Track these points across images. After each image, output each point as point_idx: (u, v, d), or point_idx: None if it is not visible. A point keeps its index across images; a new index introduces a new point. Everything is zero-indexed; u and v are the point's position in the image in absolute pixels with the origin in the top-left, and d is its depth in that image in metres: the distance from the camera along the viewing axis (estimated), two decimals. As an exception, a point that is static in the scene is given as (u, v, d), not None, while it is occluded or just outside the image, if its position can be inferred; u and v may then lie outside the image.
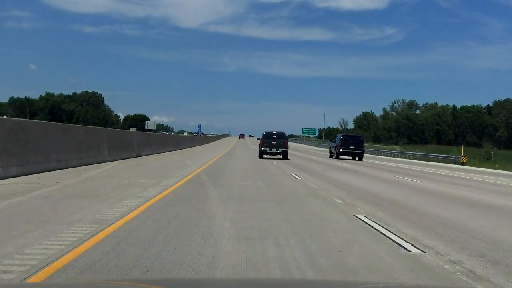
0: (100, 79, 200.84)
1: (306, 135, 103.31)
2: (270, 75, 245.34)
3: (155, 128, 51.55)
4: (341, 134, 39.61)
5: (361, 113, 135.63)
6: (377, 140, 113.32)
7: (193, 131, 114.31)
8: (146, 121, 58.56)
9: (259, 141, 33.42)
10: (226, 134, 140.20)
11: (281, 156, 30.18)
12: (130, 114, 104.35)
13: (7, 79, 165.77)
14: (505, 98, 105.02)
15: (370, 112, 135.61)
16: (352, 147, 36.93)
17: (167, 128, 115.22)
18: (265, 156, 29.99)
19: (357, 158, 37.03)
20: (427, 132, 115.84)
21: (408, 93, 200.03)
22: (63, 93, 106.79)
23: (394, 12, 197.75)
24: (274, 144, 29.81)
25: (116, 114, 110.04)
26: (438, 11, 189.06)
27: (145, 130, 44.89)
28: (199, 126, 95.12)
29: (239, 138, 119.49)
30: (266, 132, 31.01)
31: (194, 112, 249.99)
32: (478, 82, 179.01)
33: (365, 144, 42.13)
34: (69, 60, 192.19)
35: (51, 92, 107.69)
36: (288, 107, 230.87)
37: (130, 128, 42.73)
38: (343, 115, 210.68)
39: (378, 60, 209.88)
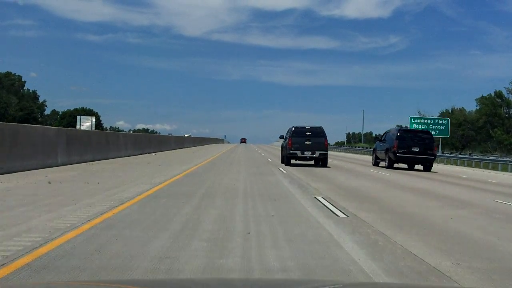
0: (102, 88, 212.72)
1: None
2: (274, 84, 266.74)
3: (93, 129, 38.11)
4: (395, 129, 27.47)
5: (494, 92, 69.14)
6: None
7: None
8: (77, 117, 43.14)
9: (278, 142, 37.52)
10: (219, 139, 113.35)
11: (313, 162, 24.96)
12: (70, 109, 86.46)
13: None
14: None
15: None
16: (416, 149, 25.25)
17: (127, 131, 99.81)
18: (293, 161, 24.44)
19: (422, 168, 25.43)
20: None
21: (412, 101, 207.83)
22: None
23: (398, 20, 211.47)
24: (308, 146, 23.69)
25: (54, 110, 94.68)
26: (442, 19, 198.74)
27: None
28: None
29: (241, 142, 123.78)
30: (295, 128, 24.86)
31: (197, 120, 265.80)
32: (481, 90, 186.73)
33: None
34: (71, 69, 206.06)
35: None
36: (291, 115, 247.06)
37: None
38: (347, 124, 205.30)
39: (382, 68, 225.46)
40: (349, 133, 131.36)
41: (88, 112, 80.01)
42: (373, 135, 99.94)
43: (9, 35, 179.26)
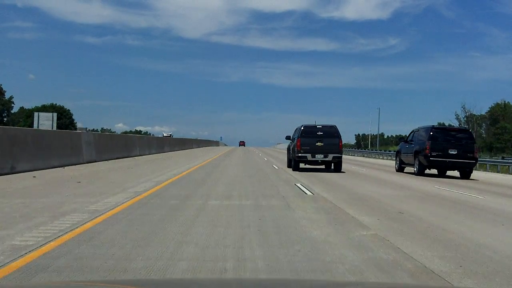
0: (101, 90, 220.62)
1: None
2: (273, 86, 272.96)
3: (54, 128, 32.42)
4: (426, 127, 22.83)
5: None
6: None
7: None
8: (35, 114, 36.87)
9: (286, 144, 26.25)
10: (213, 141, 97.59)
11: (324, 166, 22.61)
12: (38, 105, 77.22)
13: (8, 89, 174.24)
14: None
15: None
16: (453, 152, 20.88)
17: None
18: (302, 165, 21.99)
19: (459, 175, 21.61)
20: None
21: (412, 103, 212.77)
22: None
23: (397, 22, 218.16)
24: (319, 148, 21.31)
25: (23, 107, 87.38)
26: (441, 21, 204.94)
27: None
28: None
29: (239, 145, 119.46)
30: (305, 127, 22.21)
31: (196, 122, 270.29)
32: (481, 92, 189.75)
33: None
34: (70, 71, 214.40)
35: None
36: (290, 117, 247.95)
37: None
38: (349, 125, 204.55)
39: (381, 70, 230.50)
40: (358, 134, 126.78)
41: (58, 109, 74.32)
42: (385, 137, 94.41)
43: (8, 37, 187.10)
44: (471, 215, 9.26)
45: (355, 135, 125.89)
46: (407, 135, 24.68)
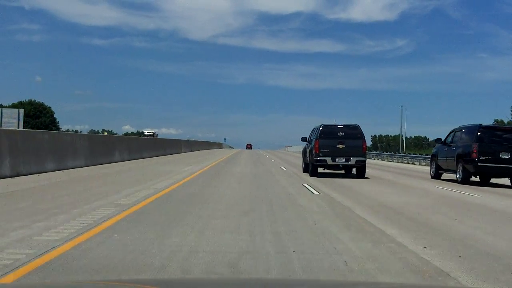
0: (108, 92, 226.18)
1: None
2: (279, 87, 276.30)
3: (20, 127, 27.28)
4: (470, 126, 19.40)
5: None
6: None
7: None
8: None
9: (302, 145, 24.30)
10: (214, 143, 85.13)
11: (344, 171, 20.89)
12: (14, 102, 69.61)
13: (14, 90, 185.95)
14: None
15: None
16: (505, 156, 17.97)
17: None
18: (320, 170, 20.28)
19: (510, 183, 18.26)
20: None
21: (418, 104, 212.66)
22: None
23: (404, 23, 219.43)
24: (340, 150, 19.36)
25: (1, 104, 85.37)
26: (449, 22, 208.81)
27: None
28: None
29: (246, 148, 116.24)
30: (324, 127, 20.34)
31: (203, 124, 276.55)
32: (488, 93, 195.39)
33: None
34: (77, 73, 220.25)
35: None
36: (297, 119, 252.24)
37: None
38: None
39: (388, 71, 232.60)
40: (375, 135, 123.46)
41: (37, 106, 70.11)
42: (403, 138, 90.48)
43: (15, 39, 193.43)
44: None
45: (371, 136, 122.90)
46: (446, 136, 21.22)
